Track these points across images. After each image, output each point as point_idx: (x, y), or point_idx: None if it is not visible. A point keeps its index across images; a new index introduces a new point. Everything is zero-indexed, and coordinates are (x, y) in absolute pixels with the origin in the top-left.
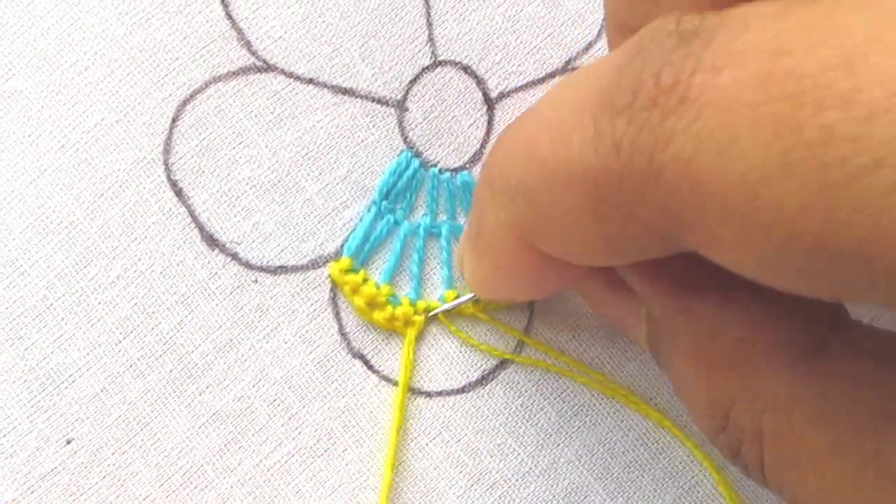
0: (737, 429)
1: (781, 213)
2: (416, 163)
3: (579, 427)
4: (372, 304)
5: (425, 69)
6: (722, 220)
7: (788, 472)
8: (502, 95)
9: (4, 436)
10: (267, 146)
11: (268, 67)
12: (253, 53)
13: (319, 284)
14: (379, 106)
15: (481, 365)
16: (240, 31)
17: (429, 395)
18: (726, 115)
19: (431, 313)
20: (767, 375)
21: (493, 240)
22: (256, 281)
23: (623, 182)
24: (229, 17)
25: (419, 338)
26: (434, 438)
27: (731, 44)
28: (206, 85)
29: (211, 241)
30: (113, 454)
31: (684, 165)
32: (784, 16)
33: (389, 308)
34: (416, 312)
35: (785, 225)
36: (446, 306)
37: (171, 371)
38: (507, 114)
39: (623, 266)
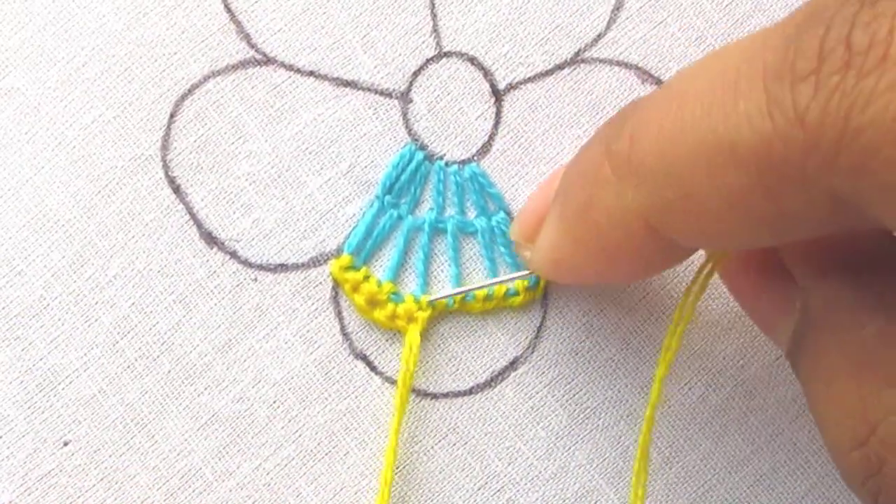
0: (883, 445)
1: None
2: (419, 155)
3: (591, 430)
4: (373, 302)
5: (430, 60)
6: None
7: None
8: (511, 87)
9: (1, 437)
10: (267, 141)
11: (267, 60)
12: (252, 46)
13: (321, 283)
14: (382, 98)
15: (490, 366)
16: (239, 24)
17: (435, 396)
18: None
19: (434, 298)
20: None
21: (608, 222)
22: (256, 279)
23: (809, 151)
24: (228, 9)
25: (425, 338)
26: (440, 441)
27: None
28: (205, 79)
29: (209, 238)
30: (110, 456)
31: (891, 124)
32: None
33: (391, 306)
34: (420, 308)
35: None
36: (456, 291)
37: (169, 372)
38: (515, 105)
39: (787, 246)
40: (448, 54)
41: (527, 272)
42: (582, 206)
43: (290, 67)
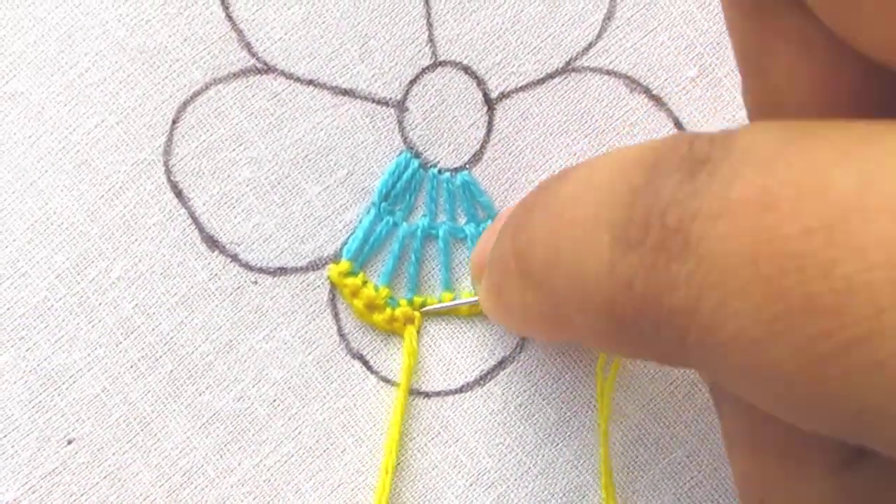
0: None
1: (778, 373)
2: (415, 163)
3: (578, 427)
4: (371, 307)
5: (425, 69)
6: (728, 369)
7: None
8: (503, 96)
9: (6, 436)
10: (267, 148)
11: (268, 69)
12: (253, 55)
13: (319, 286)
14: (379, 106)
15: (479, 365)
16: (240, 33)
17: (427, 395)
18: (720, 271)
19: (425, 309)
20: (810, 475)
21: (517, 312)
22: (256, 282)
23: (639, 314)
24: (230, 18)
25: (417, 339)
26: (432, 439)
27: (729, 189)
28: (207, 86)
29: (211, 242)
30: (114, 454)
31: (690, 314)
32: (777, 157)
33: (389, 310)
34: (414, 309)
35: (783, 384)
36: (444, 305)
37: (171, 371)
38: (507, 114)
39: None
40: (443, 63)
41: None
42: (497, 288)
43: (289, 76)
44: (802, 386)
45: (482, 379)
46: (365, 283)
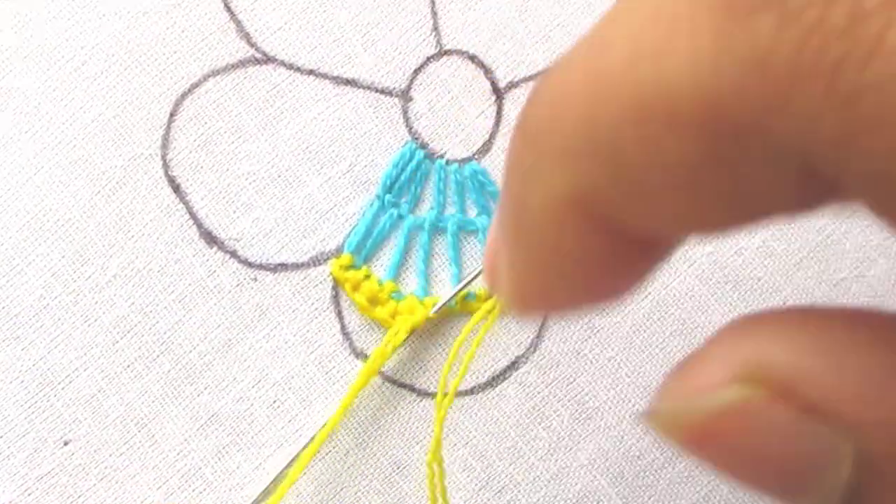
0: None
1: None
2: (420, 154)
3: (593, 430)
4: (373, 301)
5: (430, 58)
6: None
7: None
8: (511, 85)
9: (1, 437)
10: (267, 140)
11: (267, 59)
12: (252, 45)
13: (321, 282)
14: (382, 96)
15: (492, 366)
16: (238, 23)
17: (436, 396)
18: None
19: (436, 307)
20: None
21: (544, 222)
22: (256, 279)
23: (773, 110)
24: (228, 8)
25: (427, 338)
26: (442, 441)
27: None
28: (205, 78)
29: (209, 238)
30: (110, 456)
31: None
32: None
33: (392, 303)
34: (424, 308)
35: None
36: (450, 295)
37: (169, 371)
38: (516, 104)
39: (816, 374)
40: (448, 52)
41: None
42: (516, 213)
43: (289, 66)
44: None
45: (494, 380)
46: (367, 276)
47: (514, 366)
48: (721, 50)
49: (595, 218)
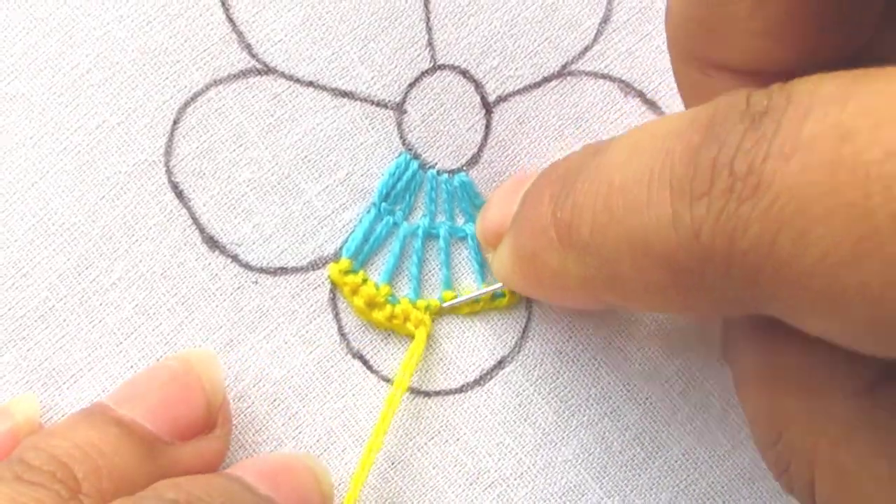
0: (788, 448)
1: (863, 295)
2: (414, 164)
3: (577, 426)
4: (371, 304)
5: (424, 73)
6: (806, 298)
7: (843, 500)
8: (500, 99)
9: None
10: (267, 148)
11: (268, 70)
12: (253, 56)
13: (319, 285)
14: (378, 108)
15: (479, 365)
16: (240, 34)
17: (427, 394)
18: (800, 201)
19: (449, 303)
20: (830, 402)
21: (552, 278)
22: (256, 282)
23: (705, 262)
24: (230, 20)
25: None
26: (432, 438)
27: (799, 130)
28: (207, 87)
29: (211, 242)
30: None
31: (767, 248)
32: (846, 97)
33: (389, 307)
34: (420, 311)
35: (868, 305)
36: (463, 298)
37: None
38: (504, 117)
39: None
40: (442, 67)
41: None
42: (530, 255)
43: (290, 77)
44: (890, 304)
45: (482, 379)
46: (365, 280)
47: (500, 365)
48: (675, 220)
49: (588, 289)
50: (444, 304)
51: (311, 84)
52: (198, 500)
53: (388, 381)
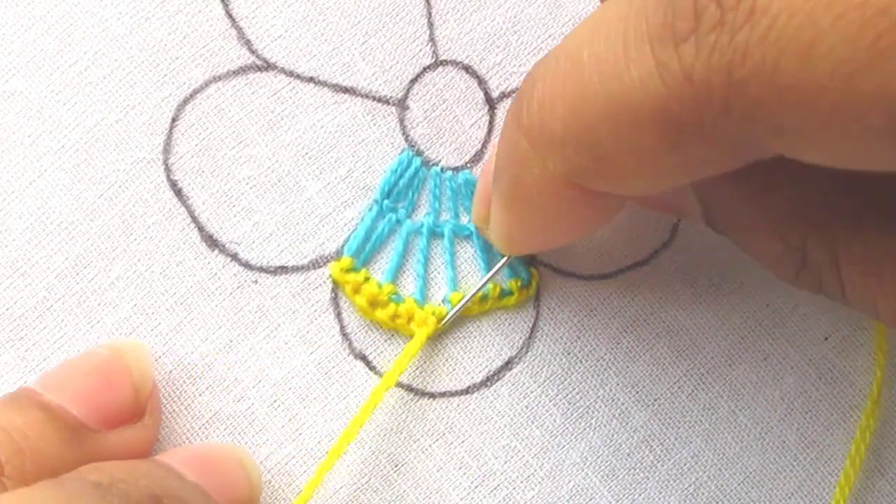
0: (815, 264)
1: (882, 99)
2: (417, 161)
3: (585, 429)
4: (374, 303)
5: (426, 68)
6: (816, 121)
7: (868, 286)
8: (504, 95)
9: None
10: (267, 145)
11: (268, 66)
12: (253, 52)
13: (320, 285)
14: (380, 105)
15: (486, 366)
16: (240, 30)
17: (432, 396)
18: (804, 16)
19: (445, 320)
20: (832, 213)
21: (539, 192)
22: (257, 281)
23: (701, 106)
24: (229, 15)
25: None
26: (437, 440)
27: None
28: (206, 84)
29: (211, 241)
30: None
31: (769, 75)
32: None
33: (392, 305)
34: (426, 313)
35: (886, 110)
36: (457, 308)
37: (170, 372)
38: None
39: None
40: (444, 63)
41: (506, 258)
42: (513, 185)
43: (290, 73)
44: None
45: (489, 380)
46: (367, 279)
47: (507, 366)
48: (662, 70)
49: (576, 187)
50: (449, 314)
51: (311, 80)
52: (122, 482)
53: (398, 385)
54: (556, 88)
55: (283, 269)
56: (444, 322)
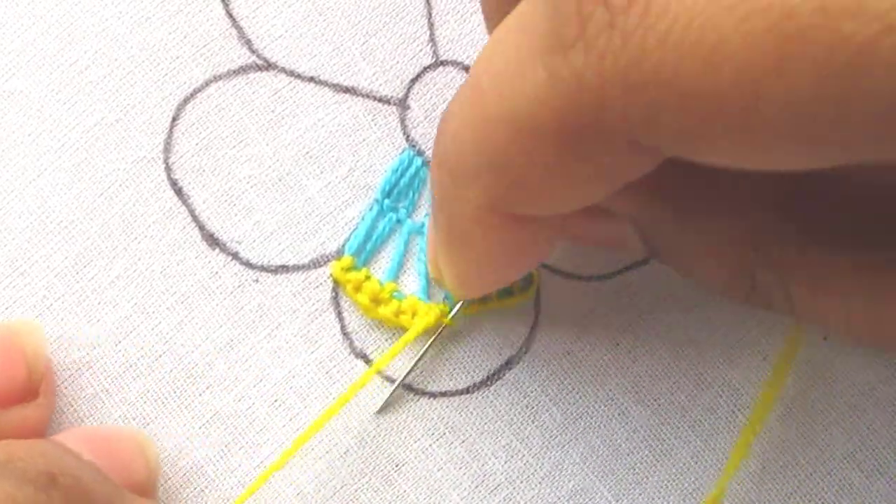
0: (763, 285)
1: (789, 103)
2: (418, 161)
3: (584, 428)
4: (376, 301)
5: (427, 68)
6: (722, 123)
7: (817, 302)
8: None
9: None
10: (268, 145)
11: (268, 66)
12: (253, 52)
13: (321, 284)
14: (380, 104)
15: (486, 365)
16: (240, 30)
17: (433, 395)
18: (704, 20)
19: (451, 314)
20: (776, 235)
21: (470, 228)
22: (257, 280)
23: (597, 112)
24: (229, 15)
25: (426, 338)
26: (438, 439)
27: None
28: (207, 83)
29: (211, 240)
30: None
31: (669, 79)
32: None
33: (395, 302)
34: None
35: (793, 114)
36: (461, 303)
37: (171, 371)
38: None
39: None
40: (444, 63)
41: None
42: (448, 226)
43: (290, 73)
44: (823, 102)
45: (489, 379)
46: (367, 277)
47: (507, 365)
48: (554, 80)
49: (504, 215)
50: (454, 309)
51: (312, 80)
52: (19, 459)
53: (392, 381)
54: (464, 118)
55: (283, 269)
56: (450, 315)
